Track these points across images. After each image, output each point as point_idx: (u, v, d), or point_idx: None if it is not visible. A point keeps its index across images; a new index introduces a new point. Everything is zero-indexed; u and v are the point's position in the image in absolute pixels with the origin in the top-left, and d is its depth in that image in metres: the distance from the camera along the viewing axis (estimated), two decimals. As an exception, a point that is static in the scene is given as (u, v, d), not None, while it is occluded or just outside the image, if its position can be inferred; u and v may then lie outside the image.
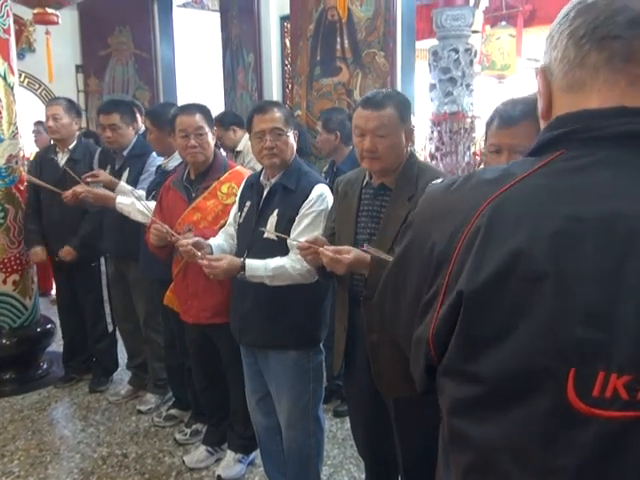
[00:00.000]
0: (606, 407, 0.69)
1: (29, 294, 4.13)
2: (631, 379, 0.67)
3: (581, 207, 0.73)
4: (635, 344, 0.67)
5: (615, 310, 0.69)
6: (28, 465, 3.12)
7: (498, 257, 0.75)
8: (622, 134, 0.76)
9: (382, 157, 2.03)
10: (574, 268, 0.71)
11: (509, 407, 0.75)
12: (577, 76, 0.82)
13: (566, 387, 0.70)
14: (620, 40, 0.78)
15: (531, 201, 0.76)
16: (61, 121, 3.78)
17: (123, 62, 7.11)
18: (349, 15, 4.54)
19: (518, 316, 0.74)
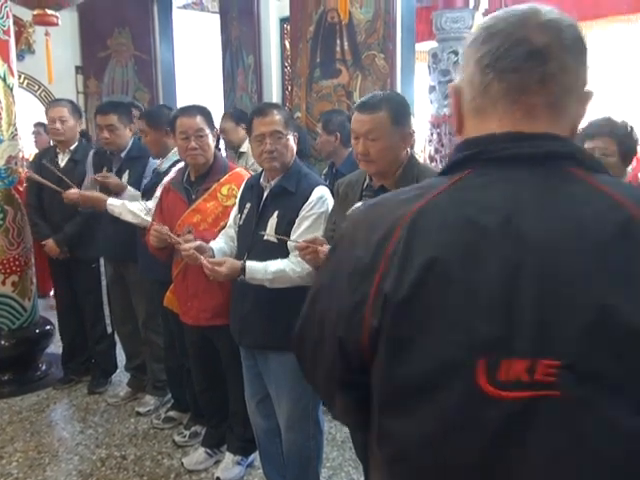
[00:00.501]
0: (510, 389, 0.79)
1: (28, 295, 4.13)
2: (529, 364, 0.78)
3: (484, 219, 0.83)
4: (530, 337, 0.78)
5: (513, 309, 0.79)
6: (26, 467, 3.11)
7: (418, 265, 0.84)
8: (511, 156, 0.87)
9: (375, 160, 2.03)
10: (479, 273, 0.81)
11: (431, 396, 0.83)
12: (481, 103, 0.91)
13: (476, 374, 0.80)
14: (518, 73, 0.87)
15: (443, 214, 0.86)
16: (67, 123, 3.78)
17: (123, 63, 7.11)
18: (349, 17, 4.54)
19: (435, 317, 0.83)
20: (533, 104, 0.88)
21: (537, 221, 0.82)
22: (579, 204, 0.82)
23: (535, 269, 0.79)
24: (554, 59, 0.87)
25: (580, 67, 0.91)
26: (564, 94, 0.89)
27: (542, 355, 0.78)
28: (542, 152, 0.86)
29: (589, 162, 0.88)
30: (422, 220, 0.86)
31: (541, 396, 0.78)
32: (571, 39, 0.89)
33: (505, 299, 0.80)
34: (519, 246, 0.81)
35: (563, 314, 0.78)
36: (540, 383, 0.78)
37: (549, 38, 0.87)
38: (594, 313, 0.76)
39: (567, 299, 0.78)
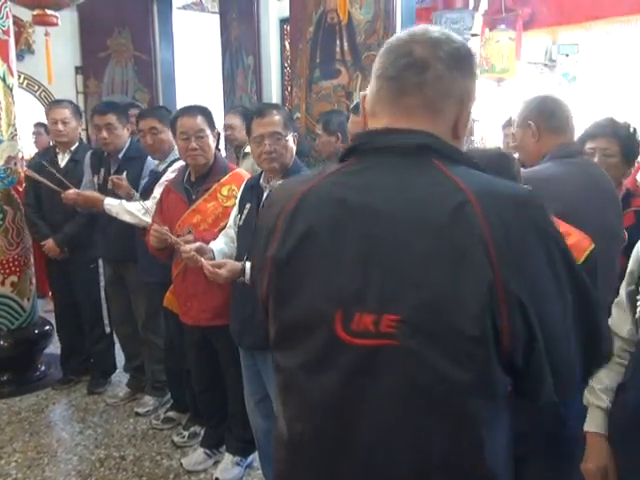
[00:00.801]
0: (360, 337, 0.97)
1: (27, 295, 4.12)
2: (375, 318, 0.96)
3: (351, 196, 1.02)
4: (378, 296, 0.96)
5: (366, 272, 0.97)
6: (25, 467, 3.11)
7: (297, 233, 1.05)
8: (385, 147, 1.05)
9: None
10: (343, 239, 1.00)
11: (303, 339, 1.04)
12: (375, 106, 1.10)
13: (335, 323, 0.99)
14: (399, 80, 1.05)
15: (322, 193, 1.06)
16: (69, 125, 3.79)
17: (122, 64, 7.11)
18: (349, 18, 4.54)
19: (308, 274, 1.03)
20: (411, 105, 1.05)
21: (392, 200, 0.99)
22: (430, 187, 0.99)
23: (384, 239, 0.97)
24: (431, 69, 1.03)
25: (458, 77, 1.06)
26: (440, 98, 1.05)
27: (386, 311, 0.95)
28: (411, 144, 1.02)
29: (452, 156, 1.03)
30: (307, 198, 1.07)
31: (383, 344, 0.96)
32: (449, 54, 1.05)
33: (360, 263, 0.98)
34: (375, 219, 0.99)
35: (402, 278, 0.95)
36: (383, 333, 0.96)
37: (428, 53, 1.04)
38: (423, 279, 0.94)
39: (406, 266, 0.95)
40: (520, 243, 0.94)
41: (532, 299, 0.93)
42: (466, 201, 0.94)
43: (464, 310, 0.92)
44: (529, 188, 1.13)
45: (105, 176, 3.60)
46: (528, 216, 0.96)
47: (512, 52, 6.61)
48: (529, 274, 0.94)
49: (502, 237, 0.92)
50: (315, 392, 1.03)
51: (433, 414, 0.96)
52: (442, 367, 0.94)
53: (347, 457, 1.01)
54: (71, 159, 3.84)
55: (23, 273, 4.08)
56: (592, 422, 1.59)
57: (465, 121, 1.09)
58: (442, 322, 0.93)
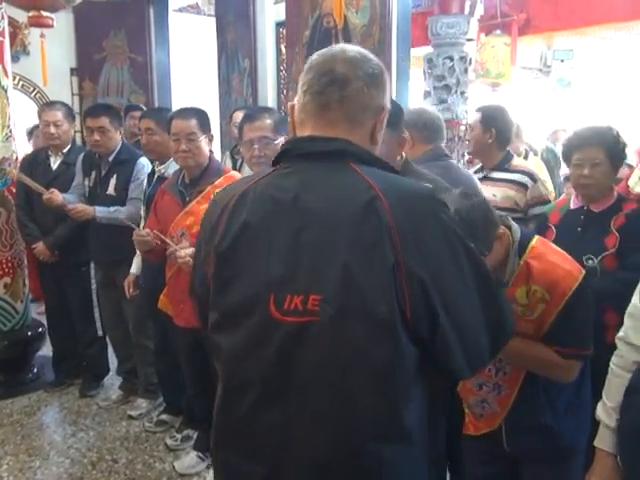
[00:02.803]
0: (291, 315, 1.12)
1: (20, 297, 4.10)
2: (303, 298, 1.11)
3: (281, 196, 1.18)
4: (305, 279, 1.11)
5: (295, 260, 1.13)
6: (17, 470, 3.09)
7: (236, 227, 1.20)
8: (307, 152, 1.21)
9: None
10: (275, 233, 1.16)
11: (242, 320, 1.17)
12: (302, 117, 1.26)
13: (269, 304, 1.13)
14: (323, 95, 1.20)
15: (257, 192, 1.22)
16: (62, 127, 3.78)
17: (118, 66, 7.09)
18: (345, 22, 4.54)
19: (246, 263, 1.18)
20: (333, 117, 1.21)
21: (316, 198, 1.15)
22: (345, 186, 1.15)
23: (310, 232, 1.13)
24: (351, 85, 1.19)
25: (374, 92, 1.22)
26: (359, 111, 1.22)
27: (311, 292, 1.11)
28: (330, 149, 1.19)
29: (366, 159, 1.20)
30: (245, 197, 1.22)
31: (310, 320, 1.11)
32: (367, 73, 1.21)
33: (289, 253, 1.14)
34: (302, 215, 1.15)
35: (324, 264, 1.11)
36: (309, 311, 1.11)
37: (348, 70, 1.19)
38: (341, 264, 1.09)
39: (328, 254, 1.11)
40: (420, 232, 1.11)
41: (434, 281, 1.10)
42: (375, 197, 1.11)
43: (374, 290, 1.09)
44: (431, 186, 1.31)
45: (96, 179, 3.60)
46: (428, 209, 1.15)
47: (507, 57, 6.62)
48: (430, 259, 1.11)
49: (405, 226, 1.10)
50: (255, 365, 1.17)
51: (354, 381, 1.11)
52: (358, 339, 1.10)
53: (279, 418, 1.16)
54: (63, 162, 3.83)
55: (16, 275, 4.07)
56: (601, 439, 1.60)
57: (380, 129, 1.26)
58: (356, 300, 1.09)
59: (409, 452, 1.16)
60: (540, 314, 1.64)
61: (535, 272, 1.64)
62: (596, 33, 6.40)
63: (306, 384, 1.13)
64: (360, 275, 1.09)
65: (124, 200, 3.51)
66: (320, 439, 1.13)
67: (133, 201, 3.47)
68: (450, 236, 1.15)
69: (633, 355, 1.57)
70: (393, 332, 1.09)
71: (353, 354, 1.10)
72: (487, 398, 1.78)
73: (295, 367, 1.13)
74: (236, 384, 1.22)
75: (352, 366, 1.10)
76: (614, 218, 2.27)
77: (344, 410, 1.11)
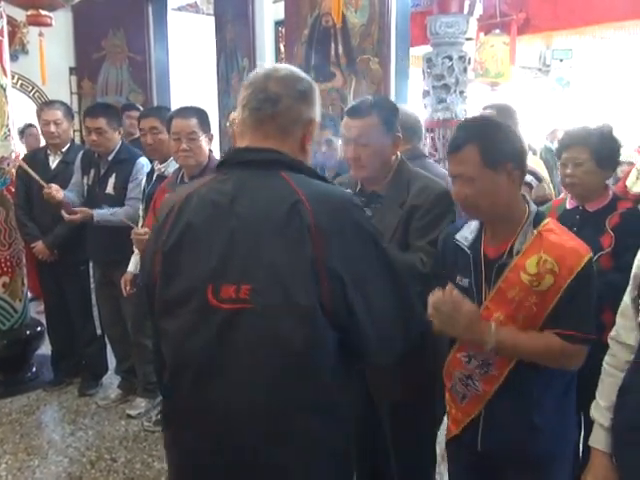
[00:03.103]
0: (226, 303, 1.27)
1: (19, 296, 4.11)
2: (236, 288, 1.27)
3: (220, 199, 1.34)
4: (237, 272, 1.27)
5: (231, 253, 1.29)
6: (16, 469, 3.10)
7: (180, 227, 1.35)
8: (242, 161, 1.39)
9: (366, 165, 2.05)
10: (213, 232, 1.32)
11: (182, 309, 1.33)
12: (242, 129, 1.42)
13: (207, 294, 1.29)
14: (259, 110, 1.38)
15: (199, 196, 1.37)
16: (61, 126, 3.78)
17: (117, 65, 7.09)
18: (343, 21, 4.55)
19: (187, 259, 1.34)
20: (267, 130, 1.38)
21: (248, 201, 1.31)
22: (274, 191, 1.31)
23: (243, 231, 1.29)
24: (282, 102, 1.37)
25: (303, 107, 1.40)
26: (290, 124, 1.39)
27: (243, 282, 1.27)
28: (261, 159, 1.37)
29: (295, 167, 1.36)
30: (190, 200, 1.37)
31: (242, 307, 1.26)
32: (297, 90, 1.39)
33: (225, 249, 1.29)
34: (236, 217, 1.30)
35: (254, 259, 1.27)
36: (241, 299, 1.26)
37: (280, 89, 1.37)
38: (267, 259, 1.26)
39: (257, 250, 1.27)
40: (338, 231, 1.27)
41: (349, 274, 1.26)
42: (299, 200, 1.27)
43: (295, 282, 1.25)
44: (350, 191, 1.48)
45: (95, 177, 3.60)
46: (345, 211, 1.32)
47: (506, 57, 6.63)
48: (346, 255, 1.27)
49: (324, 226, 1.25)
50: (195, 346, 1.32)
51: (279, 360, 1.26)
52: (282, 324, 1.26)
53: (219, 393, 1.30)
54: (62, 161, 3.84)
55: (15, 274, 4.07)
56: (595, 439, 1.60)
57: (309, 139, 1.44)
58: (280, 290, 1.25)
59: (330, 422, 1.33)
60: (547, 287, 1.62)
61: (547, 243, 1.65)
62: (595, 33, 6.40)
63: (240, 363, 1.28)
64: (283, 268, 1.25)
65: (123, 200, 3.51)
66: (253, 412, 1.28)
67: (132, 201, 3.47)
68: (364, 236, 1.33)
69: (625, 354, 1.57)
70: (312, 319, 1.25)
71: (278, 337, 1.26)
72: (473, 374, 1.75)
73: (230, 348, 1.28)
74: (179, 364, 1.37)
75: (277, 347, 1.26)
76: (609, 217, 2.26)
77: (273, 385, 1.27)
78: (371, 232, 1.35)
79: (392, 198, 2.05)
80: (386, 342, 1.37)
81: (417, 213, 1.99)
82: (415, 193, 2.02)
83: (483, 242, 1.77)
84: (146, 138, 3.29)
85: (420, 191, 2.02)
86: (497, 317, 1.68)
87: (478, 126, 1.74)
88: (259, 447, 1.29)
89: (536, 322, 1.65)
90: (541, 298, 1.63)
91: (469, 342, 1.70)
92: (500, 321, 1.67)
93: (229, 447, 1.31)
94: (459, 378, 1.80)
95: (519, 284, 1.65)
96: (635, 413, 1.47)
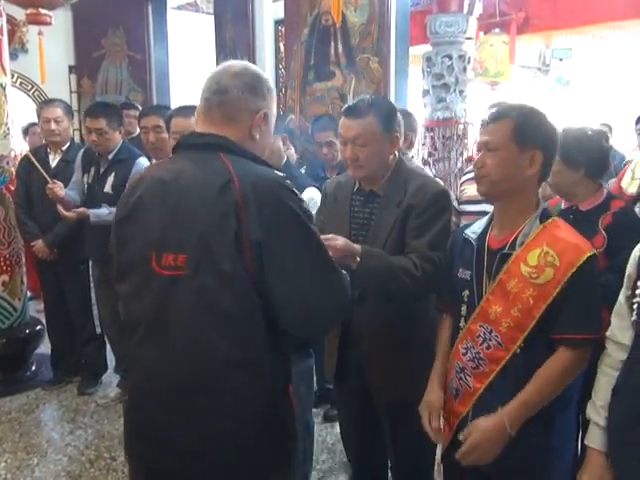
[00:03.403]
0: (167, 269, 1.44)
1: (18, 295, 4.10)
2: (175, 257, 1.42)
3: (167, 177, 1.50)
4: (175, 242, 1.43)
5: (171, 225, 1.44)
6: (15, 468, 3.10)
7: (133, 200, 1.53)
8: (189, 144, 1.57)
9: (364, 165, 2.04)
10: (158, 205, 1.47)
11: (131, 274, 1.53)
12: (197, 117, 1.60)
13: (151, 261, 1.45)
14: (208, 100, 1.55)
15: (153, 175, 1.55)
16: (62, 124, 3.79)
17: (117, 64, 7.09)
18: (343, 20, 4.55)
19: (136, 229, 1.52)
20: (214, 117, 1.54)
21: (189, 179, 1.46)
22: (211, 170, 1.45)
23: (182, 206, 1.44)
24: (229, 93, 1.52)
25: (250, 98, 1.54)
26: (235, 112, 1.53)
27: (180, 252, 1.42)
28: (203, 142, 1.53)
29: (234, 150, 1.50)
30: (144, 178, 1.57)
31: (179, 274, 1.42)
32: (245, 83, 1.54)
33: (168, 222, 1.44)
34: (178, 193, 1.46)
35: (189, 231, 1.41)
36: (179, 266, 1.42)
37: (229, 81, 1.53)
38: (200, 231, 1.40)
39: (192, 223, 1.42)
40: (262, 208, 1.39)
41: (269, 247, 1.39)
42: (231, 180, 1.40)
43: (222, 251, 1.39)
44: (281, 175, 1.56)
45: (95, 176, 3.60)
46: (272, 191, 1.42)
47: (506, 56, 6.63)
48: (267, 229, 1.39)
49: (249, 203, 1.38)
50: (141, 307, 1.50)
51: (210, 320, 1.42)
52: (211, 289, 1.40)
53: (162, 349, 1.47)
54: (62, 159, 3.84)
55: (14, 273, 4.07)
56: (591, 438, 1.60)
57: (256, 127, 1.56)
58: (210, 259, 1.40)
59: (256, 378, 1.46)
60: (546, 281, 1.62)
61: (551, 237, 1.66)
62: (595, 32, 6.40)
63: (177, 323, 1.44)
64: (213, 239, 1.40)
65: (121, 199, 3.51)
66: (185, 364, 1.44)
67: None
68: (287, 213, 1.43)
69: (619, 353, 1.57)
70: (236, 284, 1.41)
71: (208, 300, 1.41)
72: (466, 368, 1.76)
73: (169, 309, 1.44)
74: (129, 323, 1.56)
75: (207, 309, 1.41)
76: (602, 217, 2.27)
77: (204, 341, 1.43)
78: (297, 212, 1.45)
79: (389, 197, 2.05)
80: (304, 315, 1.49)
81: (414, 212, 1.99)
82: (412, 192, 2.02)
83: (489, 235, 1.78)
84: (148, 136, 3.29)
85: (417, 190, 2.02)
86: (495, 310, 1.69)
87: (519, 106, 1.76)
88: (188, 393, 1.44)
89: (530, 317, 1.65)
90: (539, 291, 1.63)
91: None
92: (498, 314, 1.68)
93: (164, 390, 1.47)
94: (456, 370, 1.80)
95: (518, 276, 1.65)
96: (629, 411, 1.47)
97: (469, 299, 1.79)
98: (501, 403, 1.67)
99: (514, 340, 1.66)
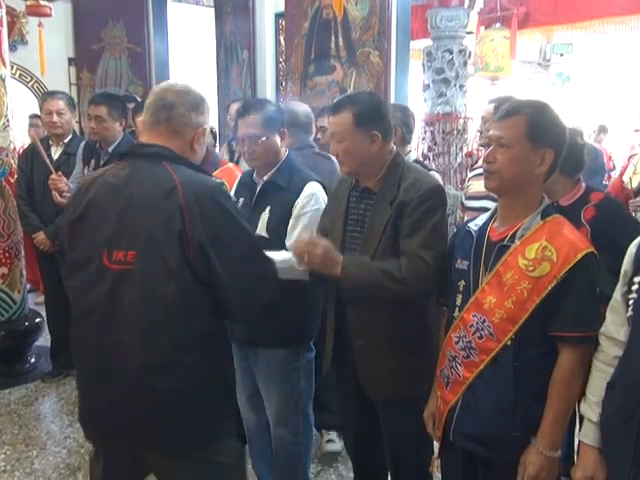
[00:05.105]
0: (117, 264, 1.62)
1: (17, 288, 4.10)
2: (124, 253, 1.61)
3: (116, 182, 1.69)
4: (126, 241, 1.61)
5: (120, 226, 1.62)
6: (14, 460, 3.11)
7: (84, 203, 1.71)
8: (135, 154, 1.77)
9: (344, 161, 2.05)
10: (109, 208, 1.65)
11: (83, 269, 1.67)
12: (143, 128, 1.82)
13: (103, 257, 1.63)
14: (155, 115, 1.74)
15: (104, 179, 1.73)
16: (65, 116, 3.79)
17: (116, 56, 7.06)
18: (344, 14, 4.54)
19: (87, 230, 1.69)
20: (161, 130, 1.74)
21: (137, 185, 1.65)
22: (157, 178, 1.64)
23: (132, 207, 1.63)
24: (176, 109, 1.73)
25: (193, 115, 1.76)
26: (180, 126, 1.75)
27: (130, 249, 1.60)
28: (149, 152, 1.72)
29: (176, 160, 1.70)
30: (96, 181, 1.74)
31: (128, 268, 1.60)
32: (188, 101, 1.76)
33: (118, 222, 1.63)
34: (127, 197, 1.64)
35: (138, 231, 1.60)
36: (128, 262, 1.60)
37: (175, 98, 1.74)
38: (148, 231, 1.59)
39: (141, 223, 1.60)
40: (202, 210, 1.59)
41: (211, 244, 1.59)
42: (175, 186, 1.60)
43: (168, 249, 1.58)
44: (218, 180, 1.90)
45: (95, 167, 3.60)
46: (210, 195, 1.64)
47: (507, 51, 6.62)
48: (208, 228, 1.59)
49: (192, 206, 1.58)
50: (93, 298, 1.65)
51: (154, 310, 1.59)
52: (157, 282, 1.59)
53: (114, 335, 1.63)
54: (64, 152, 3.84)
55: (13, 265, 4.06)
56: (585, 434, 1.61)
57: (197, 141, 1.78)
58: (157, 256, 1.58)
59: (200, 356, 1.66)
60: (541, 275, 1.63)
61: (551, 232, 1.67)
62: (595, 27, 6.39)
63: (125, 311, 1.61)
64: (160, 238, 1.58)
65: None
66: (135, 348, 1.61)
67: None
68: (225, 214, 1.66)
69: (614, 350, 1.58)
70: (180, 277, 1.59)
71: (154, 291, 1.59)
72: (457, 356, 1.77)
73: (119, 300, 1.62)
74: (81, 312, 1.71)
75: (154, 299, 1.59)
76: (583, 210, 2.29)
77: (149, 328, 1.60)
78: (231, 211, 1.69)
79: (383, 195, 2.03)
80: (247, 298, 1.73)
81: (406, 209, 1.98)
82: (404, 189, 1.99)
83: (490, 227, 1.79)
84: None
85: (409, 187, 2.00)
86: (490, 300, 1.69)
87: (533, 103, 1.76)
88: (139, 375, 1.62)
89: (523, 310, 1.65)
90: (534, 284, 1.64)
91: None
92: (492, 305, 1.68)
93: (117, 372, 1.64)
94: (448, 359, 1.81)
95: (515, 268, 1.66)
96: (623, 407, 1.47)
97: (465, 289, 1.79)
98: (489, 394, 1.69)
99: (506, 332, 1.67)
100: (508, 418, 1.68)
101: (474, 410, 1.74)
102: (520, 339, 1.66)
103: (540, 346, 1.67)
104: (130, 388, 1.63)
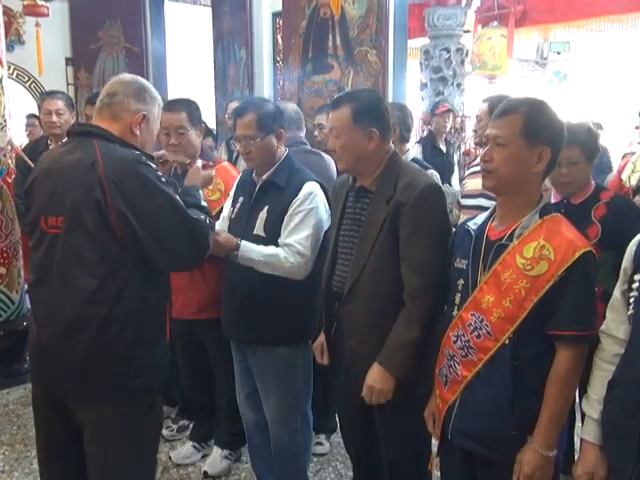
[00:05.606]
0: (52, 229, 1.83)
1: (15, 288, 4.09)
2: (55, 218, 1.80)
3: (56, 157, 1.89)
4: (57, 207, 1.80)
5: (55, 195, 1.82)
6: (13, 460, 3.10)
7: (32, 177, 1.95)
8: (76, 132, 1.95)
9: (340, 157, 2.06)
10: (46, 181, 1.87)
11: (34, 232, 1.91)
12: (94, 114, 2.00)
13: (42, 222, 1.85)
14: (101, 101, 1.94)
15: (47, 156, 1.99)
16: (64, 116, 3.79)
17: (113, 56, 7.06)
18: (341, 12, 4.54)
19: (33, 199, 1.91)
20: (103, 114, 1.92)
21: (69, 159, 1.83)
22: (84, 153, 1.81)
23: (61, 179, 1.81)
24: (117, 96, 1.91)
25: (133, 101, 1.91)
26: (120, 111, 1.91)
27: (59, 215, 1.79)
28: (84, 131, 1.93)
29: (108, 138, 1.86)
30: (44, 159, 1.98)
31: (59, 232, 1.81)
32: (130, 90, 1.92)
33: (53, 191, 1.83)
34: (60, 170, 1.83)
35: (65, 199, 1.78)
36: (59, 226, 1.79)
37: (118, 87, 1.93)
38: (73, 199, 1.77)
39: (68, 192, 1.77)
40: (122, 181, 1.75)
41: (131, 211, 1.75)
42: (96, 160, 1.77)
43: (88, 214, 1.75)
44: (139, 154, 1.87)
45: None
46: (129, 167, 1.78)
47: (504, 49, 6.63)
48: (127, 197, 1.75)
49: (110, 177, 1.74)
50: (37, 258, 1.88)
51: (78, 270, 1.78)
52: (80, 244, 1.77)
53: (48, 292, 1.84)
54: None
55: (11, 265, 4.05)
56: (586, 431, 1.61)
57: (135, 125, 1.91)
58: (78, 220, 1.76)
59: (109, 317, 1.79)
60: (539, 274, 1.63)
61: (549, 231, 1.67)
62: (593, 26, 6.40)
63: (57, 271, 1.81)
64: (81, 205, 1.76)
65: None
66: (66, 309, 1.79)
67: None
68: (146, 183, 1.79)
69: (614, 347, 1.58)
70: (101, 242, 1.77)
71: (78, 253, 1.78)
72: (456, 355, 1.77)
73: (52, 261, 1.81)
74: (30, 270, 1.95)
75: (78, 259, 1.78)
76: (594, 208, 2.30)
77: (73, 285, 1.79)
78: (151, 179, 1.80)
79: (380, 194, 2.03)
80: (171, 252, 1.86)
81: (403, 209, 1.97)
82: (401, 189, 1.99)
83: (489, 226, 1.79)
84: None
85: (405, 187, 1.99)
86: (488, 299, 1.69)
87: (530, 101, 1.76)
88: (62, 328, 1.81)
89: (521, 310, 1.65)
90: (532, 283, 1.64)
91: None
92: (490, 304, 1.69)
93: (52, 325, 1.83)
94: (447, 358, 1.81)
95: (513, 267, 1.66)
96: (624, 405, 1.48)
97: (464, 288, 1.79)
98: (487, 393, 1.69)
99: (503, 331, 1.67)
100: (506, 417, 1.68)
101: (472, 409, 1.74)
102: (518, 338, 1.66)
103: (538, 345, 1.67)
104: (55, 339, 1.83)
